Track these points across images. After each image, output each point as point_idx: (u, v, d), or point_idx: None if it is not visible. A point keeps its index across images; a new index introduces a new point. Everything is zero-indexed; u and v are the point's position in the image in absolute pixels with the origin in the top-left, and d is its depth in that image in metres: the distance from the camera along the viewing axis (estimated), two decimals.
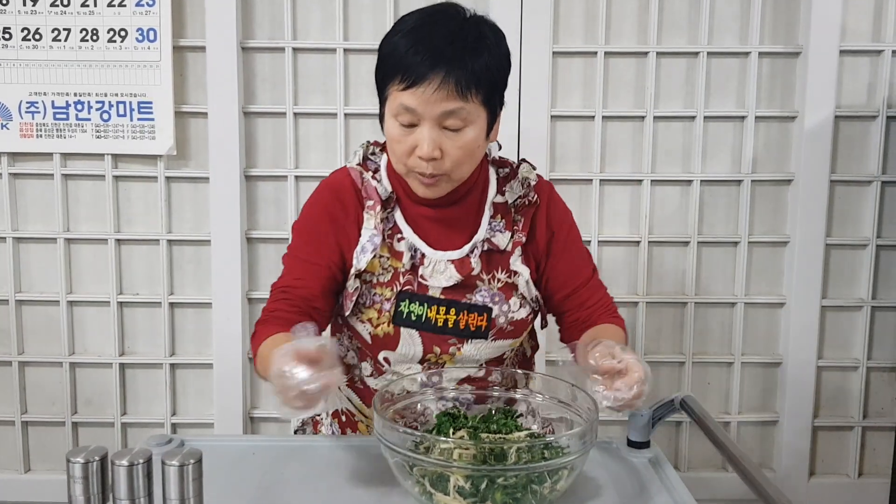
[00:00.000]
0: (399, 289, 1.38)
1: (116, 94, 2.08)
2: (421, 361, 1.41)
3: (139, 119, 2.08)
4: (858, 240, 2.20)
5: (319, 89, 2.16)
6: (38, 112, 2.09)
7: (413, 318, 1.38)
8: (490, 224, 1.42)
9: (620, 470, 1.33)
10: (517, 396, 1.40)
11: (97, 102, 2.08)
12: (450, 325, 1.38)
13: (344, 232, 1.39)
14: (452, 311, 1.38)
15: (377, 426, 1.18)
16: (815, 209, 2.16)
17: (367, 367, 1.46)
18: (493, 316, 1.39)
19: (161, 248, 2.16)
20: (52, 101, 2.08)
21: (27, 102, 2.09)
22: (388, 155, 1.39)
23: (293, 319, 1.29)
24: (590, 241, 2.19)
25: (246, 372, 2.17)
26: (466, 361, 1.42)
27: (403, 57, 1.27)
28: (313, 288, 1.36)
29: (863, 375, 2.23)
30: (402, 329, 1.38)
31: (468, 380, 1.42)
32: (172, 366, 2.21)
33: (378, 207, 1.39)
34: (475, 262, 1.39)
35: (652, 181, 2.18)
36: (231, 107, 2.09)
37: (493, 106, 1.33)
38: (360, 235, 1.39)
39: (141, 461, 0.97)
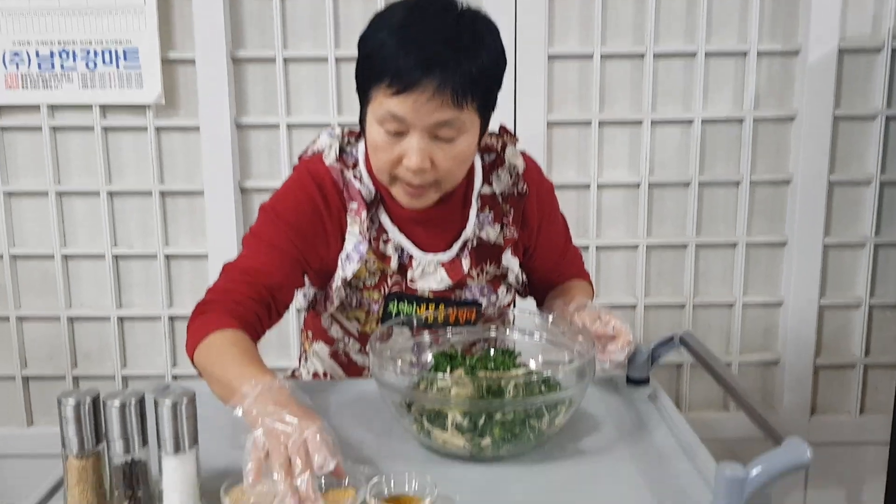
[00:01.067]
0: (387, 291, 1.34)
1: (101, 42, 2.03)
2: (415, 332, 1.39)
3: (126, 67, 2.04)
4: (862, 178, 2.17)
5: (309, 34, 2.11)
6: (23, 62, 2.04)
7: (403, 316, 1.35)
8: (478, 218, 1.36)
9: (619, 406, 1.32)
10: (515, 337, 1.38)
11: (82, 51, 2.03)
12: (439, 320, 1.34)
13: (323, 229, 1.30)
14: (442, 307, 1.35)
15: (373, 366, 1.17)
16: (819, 146, 2.12)
17: (354, 344, 1.43)
18: (483, 309, 1.38)
19: (154, 199, 2.14)
20: (37, 51, 2.04)
21: (11, 53, 2.04)
22: (365, 148, 1.30)
23: (251, 308, 1.22)
24: (589, 185, 2.16)
25: None
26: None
27: (392, 58, 1.13)
28: (277, 277, 1.25)
29: (865, 314, 2.22)
30: (393, 328, 1.35)
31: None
32: (171, 318, 2.19)
33: (363, 212, 1.30)
34: (465, 264, 1.36)
35: (652, 122, 2.14)
36: (219, 52, 2.05)
37: (488, 111, 1.24)
38: (341, 237, 1.31)
39: (133, 400, 0.96)
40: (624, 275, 2.22)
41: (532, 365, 1.30)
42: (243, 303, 1.21)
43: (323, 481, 1.01)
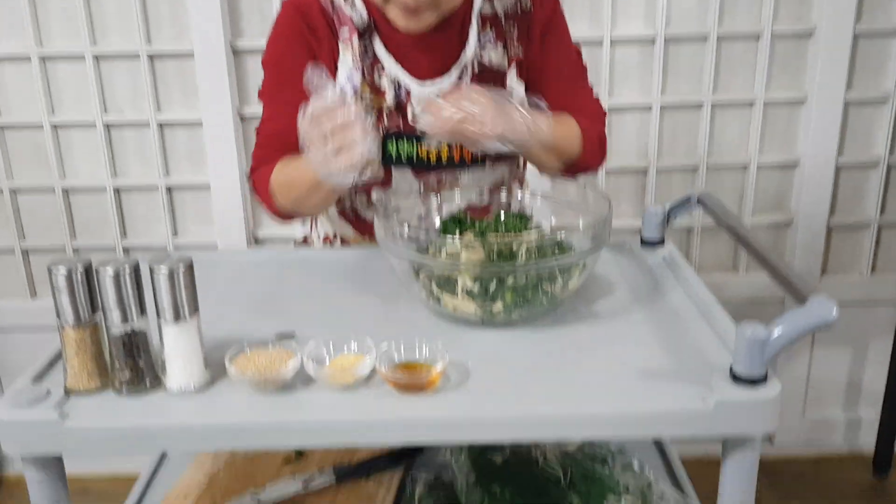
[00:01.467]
0: (385, 130, 1.27)
1: None
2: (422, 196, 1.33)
3: None
4: (888, 29, 2.04)
5: None
6: None
7: (403, 158, 1.28)
8: (479, 40, 1.28)
9: (633, 268, 1.28)
10: (527, 200, 1.33)
11: None
12: (443, 160, 1.28)
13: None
14: (444, 144, 1.28)
15: (379, 231, 1.12)
16: None
17: (361, 198, 1.38)
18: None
19: (142, 62, 2.02)
20: None
21: None
22: None
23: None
24: (602, 41, 2.04)
25: (245, 191, 2.10)
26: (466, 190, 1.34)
27: None
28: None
29: (883, 172, 2.15)
30: (392, 168, 1.29)
31: (468, 209, 1.35)
32: (168, 188, 2.13)
33: (354, 38, 1.24)
34: None
35: None
36: None
37: None
38: (335, 69, 1.25)
39: (127, 268, 0.91)
40: (636, 137, 2.13)
41: (546, 226, 1.25)
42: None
43: (332, 348, 0.98)
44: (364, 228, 1.41)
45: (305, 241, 1.54)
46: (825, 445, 2.33)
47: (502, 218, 1.23)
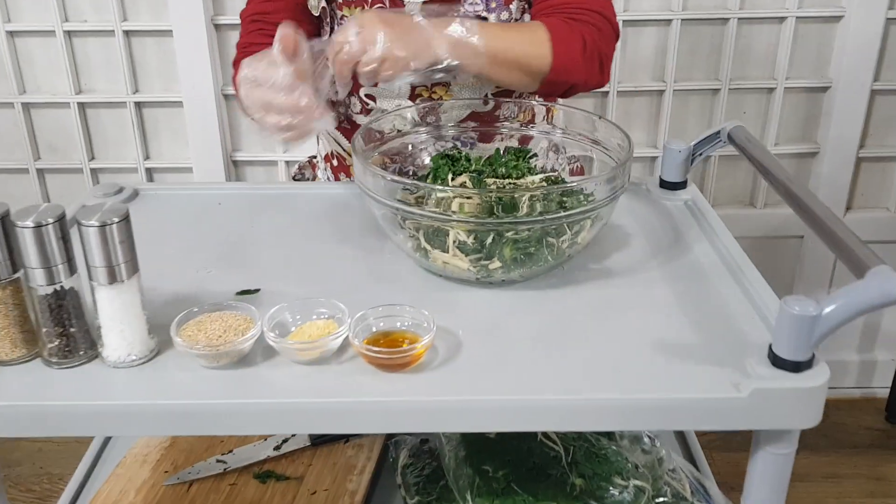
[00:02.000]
0: (368, 7, 1.11)
1: None
2: (411, 97, 1.17)
3: None
4: None
5: None
6: None
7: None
8: None
9: (651, 215, 1.12)
10: (533, 133, 1.16)
11: None
12: None
13: None
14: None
15: (358, 172, 0.95)
16: None
17: (355, 103, 1.22)
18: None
19: None
20: None
21: None
22: None
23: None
24: None
25: (221, 109, 1.92)
26: (466, 92, 1.16)
27: None
28: (287, 14, 1.15)
29: None
30: None
31: (472, 117, 1.17)
32: (138, 104, 1.95)
33: None
34: None
35: None
36: None
37: None
38: None
39: (50, 220, 0.76)
40: (653, 55, 1.93)
41: (551, 162, 1.09)
42: (262, 46, 1.08)
43: (298, 313, 0.83)
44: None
45: (311, 163, 1.41)
46: (837, 388, 2.23)
47: (502, 155, 1.07)
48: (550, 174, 1.02)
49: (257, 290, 0.94)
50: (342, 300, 0.83)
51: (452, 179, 0.99)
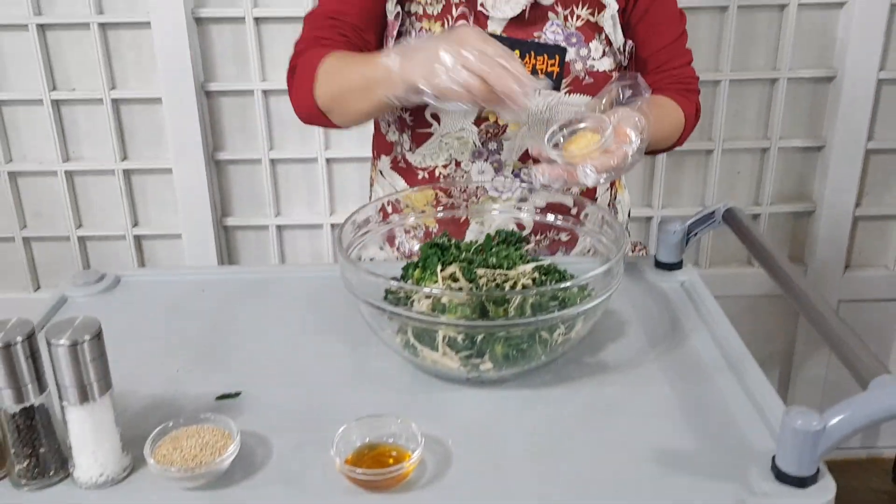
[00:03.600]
0: (451, 24, 1.10)
1: None
2: (477, 120, 1.14)
3: None
4: None
5: None
6: None
7: None
8: None
9: (647, 299, 1.09)
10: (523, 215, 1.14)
11: None
12: None
13: None
14: (516, 52, 1.06)
15: (342, 267, 0.92)
16: None
17: (405, 141, 1.20)
18: (568, 59, 1.10)
19: (93, 32, 1.79)
20: None
21: None
22: None
23: (343, 46, 1.08)
24: None
25: (212, 175, 1.90)
26: (533, 123, 1.14)
27: None
28: (361, 16, 1.11)
29: None
30: None
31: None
32: (126, 171, 1.93)
33: None
34: None
35: None
36: None
37: None
38: None
39: (19, 339, 0.73)
40: None
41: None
42: (334, 42, 1.09)
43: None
44: (415, 179, 1.23)
45: None
46: (842, 449, 2.18)
47: (493, 241, 1.04)
48: (542, 261, 0.99)
49: (238, 394, 0.90)
50: (326, 403, 0.80)
51: (442, 269, 0.96)
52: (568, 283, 0.85)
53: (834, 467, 0.76)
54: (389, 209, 1.13)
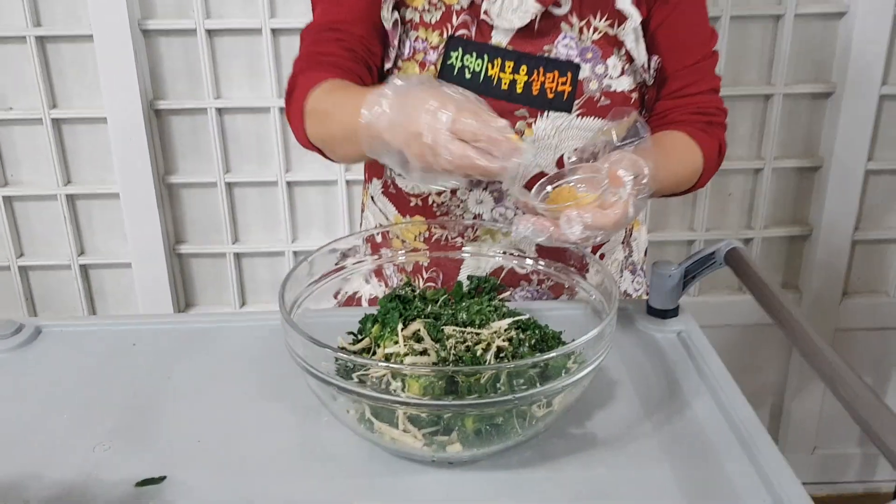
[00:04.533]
0: (451, 33, 0.96)
1: None
2: None
3: None
4: None
5: None
6: None
7: (467, 74, 0.96)
8: None
9: (639, 353, 0.96)
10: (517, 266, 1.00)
11: None
12: (518, 89, 0.96)
13: None
14: (523, 68, 0.96)
15: (286, 333, 0.78)
16: None
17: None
18: (581, 78, 0.96)
19: (30, 46, 1.64)
20: None
21: None
22: None
23: (346, 61, 0.94)
24: None
25: (163, 199, 1.75)
26: (539, 148, 0.99)
27: None
28: (362, 24, 0.98)
29: None
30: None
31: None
32: (70, 197, 1.77)
33: None
34: None
35: None
36: None
37: None
38: None
39: None
40: None
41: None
42: (337, 56, 0.97)
43: None
44: (406, 207, 1.09)
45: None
46: (838, 483, 2.06)
47: (464, 291, 0.91)
48: (520, 317, 0.86)
49: (162, 479, 0.76)
50: (267, 490, 0.66)
51: (404, 328, 0.83)
52: (552, 354, 0.71)
53: (830, 503, 0.65)
54: (379, 239, 1.00)
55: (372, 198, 1.14)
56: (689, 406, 0.86)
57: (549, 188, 0.85)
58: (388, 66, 1.00)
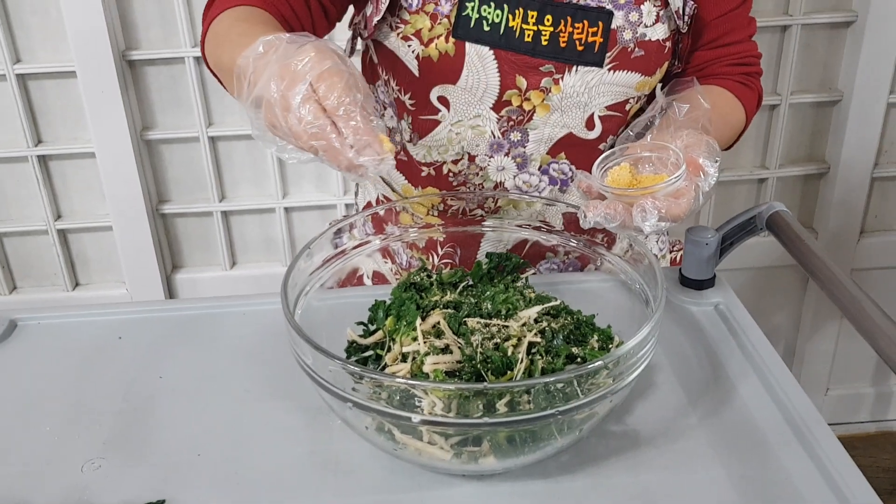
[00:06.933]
0: (435, 27, 0.85)
1: None
2: (496, 104, 0.89)
3: None
4: None
5: None
6: None
7: (486, 27, 0.85)
8: None
9: (676, 331, 0.88)
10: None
11: None
12: (543, 41, 0.86)
13: None
14: (548, 18, 0.85)
15: (292, 342, 0.69)
16: None
17: (405, 129, 0.95)
18: (614, 27, 0.86)
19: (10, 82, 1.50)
20: None
21: None
22: None
23: (280, 2, 0.85)
24: None
25: (142, 155, 1.64)
26: (567, 107, 0.89)
27: None
28: None
29: None
30: (467, 46, 0.85)
31: (569, 139, 0.92)
32: (42, 158, 1.65)
33: None
34: None
35: None
36: None
37: None
38: None
39: None
40: None
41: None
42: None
43: None
44: (417, 177, 0.98)
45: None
46: (851, 423, 2.03)
47: (483, 270, 0.82)
48: (549, 303, 0.77)
49: (161, 502, 0.68)
50: None
51: (423, 318, 0.74)
52: (597, 363, 0.63)
53: (842, 441, 0.69)
54: (382, 214, 0.90)
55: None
56: (736, 392, 0.79)
57: (609, 165, 0.77)
58: (376, 18, 0.86)
